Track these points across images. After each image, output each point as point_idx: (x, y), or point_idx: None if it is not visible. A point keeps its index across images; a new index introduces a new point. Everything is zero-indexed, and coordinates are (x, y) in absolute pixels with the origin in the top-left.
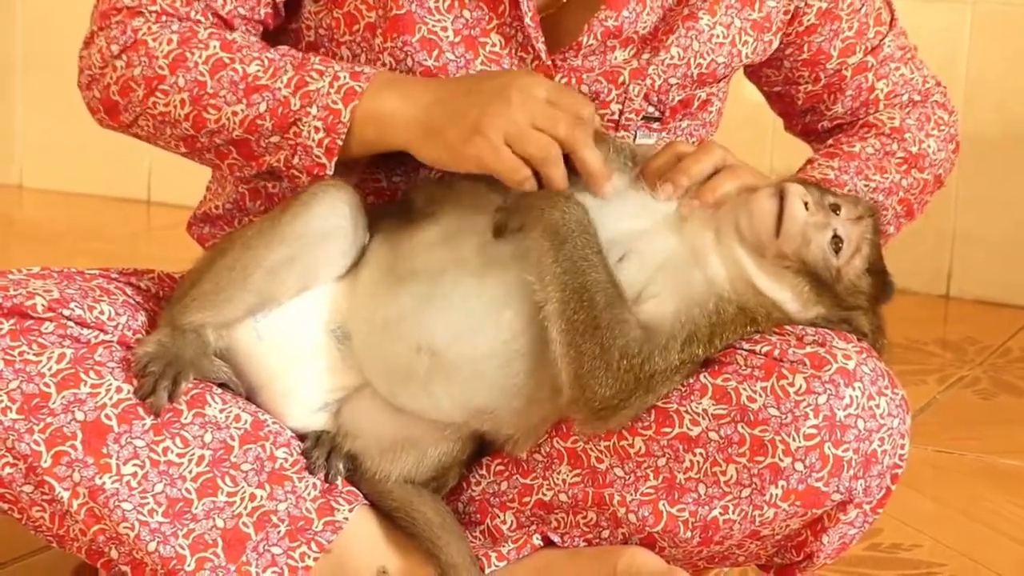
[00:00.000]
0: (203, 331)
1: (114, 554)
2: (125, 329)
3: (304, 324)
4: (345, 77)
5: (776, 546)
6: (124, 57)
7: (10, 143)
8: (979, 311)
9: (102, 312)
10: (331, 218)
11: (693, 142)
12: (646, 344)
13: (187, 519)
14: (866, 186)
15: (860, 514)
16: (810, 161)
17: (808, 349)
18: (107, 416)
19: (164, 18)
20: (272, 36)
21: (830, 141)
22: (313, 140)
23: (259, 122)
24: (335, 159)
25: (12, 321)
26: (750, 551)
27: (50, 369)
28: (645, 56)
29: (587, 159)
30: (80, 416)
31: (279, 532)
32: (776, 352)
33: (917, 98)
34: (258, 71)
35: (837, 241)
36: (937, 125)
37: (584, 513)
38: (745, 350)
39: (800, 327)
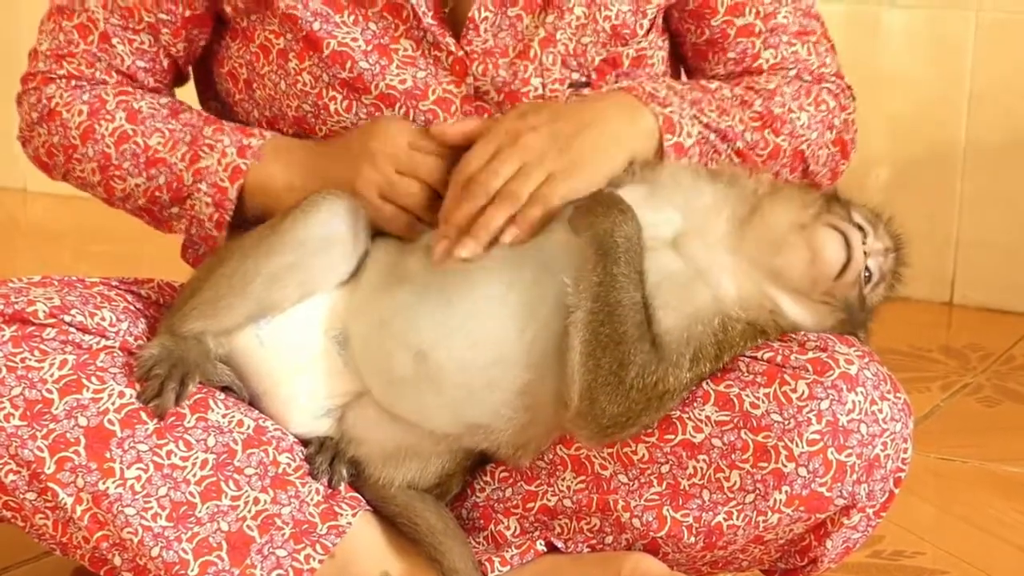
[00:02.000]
0: (203, 338)
1: (117, 561)
2: (127, 335)
3: (306, 330)
4: (232, 154)
5: (780, 551)
6: (44, 125)
7: (14, 147)
8: (983, 318)
9: (103, 318)
10: (332, 225)
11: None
12: (661, 363)
13: (191, 523)
14: (694, 117)
15: (863, 518)
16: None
17: (810, 355)
18: (110, 421)
19: (73, 82)
20: (211, 80)
21: None
22: (204, 215)
23: (157, 194)
24: (224, 231)
25: (14, 328)
26: (754, 556)
27: (52, 375)
28: (550, 19)
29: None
30: (83, 422)
31: (283, 535)
32: (778, 358)
33: (807, 78)
34: (158, 144)
35: (868, 275)
36: (816, 104)
37: (588, 519)
38: (747, 356)
39: (802, 332)
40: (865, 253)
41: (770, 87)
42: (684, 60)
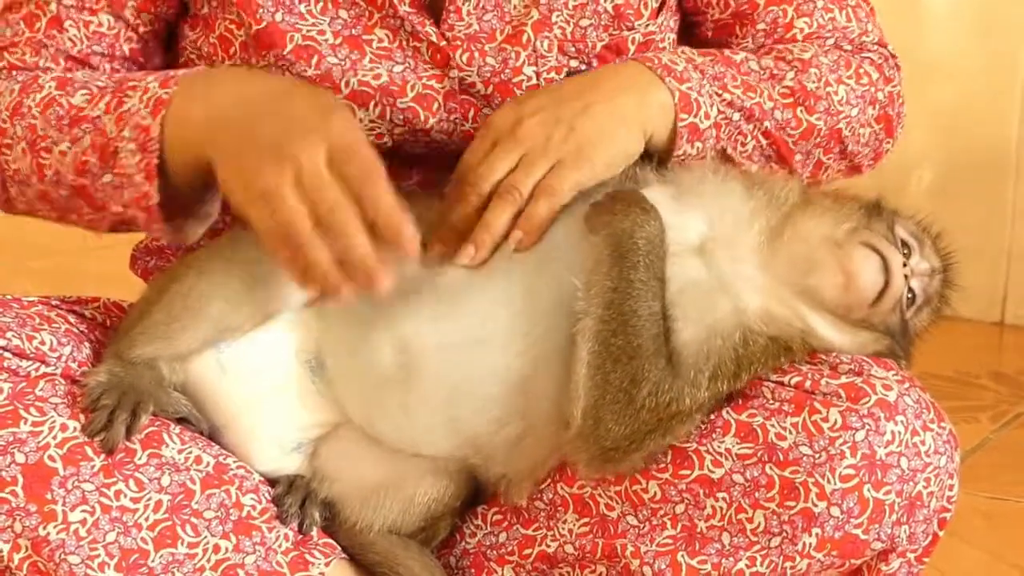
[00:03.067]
0: (156, 364)
1: None
2: (69, 361)
3: (273, 354)
4: (155, 87)
5: None
6: None
7: None
8: None
9: (43, 342)
10: None
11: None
12: (676, 381)
13: (143, 573)
14: (718, 95)
15: (904, 564)
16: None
17: (843, 379)
18: (51, 457)
19: (14, 73)
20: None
21: None
22: (132, 166)
23: (85, 159)
24: (156, 182)
25: None
26: None
27: None
28: (543, 1)
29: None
30: (20, 458)
31: None
32: (807, 383)
33: (846, 47)
34: (83, 100)
35: (912, 297)
36: (857, 76)
37: (593, 567)
38: (773, 382)
39: (834, 355)
40: (906, 276)
41: (804, 56)
42: (704, 41)
